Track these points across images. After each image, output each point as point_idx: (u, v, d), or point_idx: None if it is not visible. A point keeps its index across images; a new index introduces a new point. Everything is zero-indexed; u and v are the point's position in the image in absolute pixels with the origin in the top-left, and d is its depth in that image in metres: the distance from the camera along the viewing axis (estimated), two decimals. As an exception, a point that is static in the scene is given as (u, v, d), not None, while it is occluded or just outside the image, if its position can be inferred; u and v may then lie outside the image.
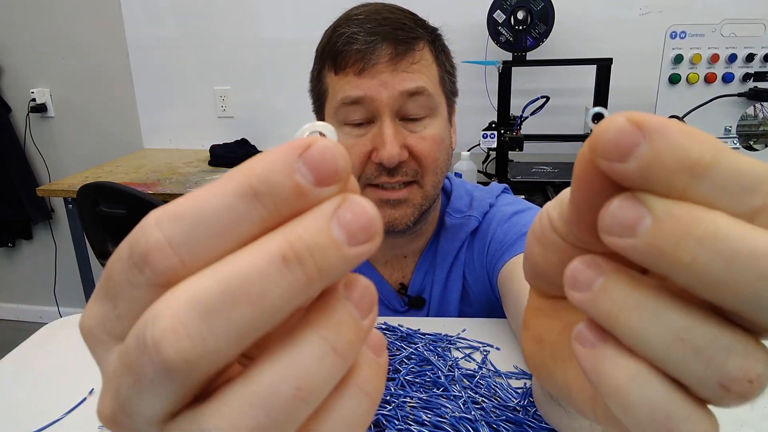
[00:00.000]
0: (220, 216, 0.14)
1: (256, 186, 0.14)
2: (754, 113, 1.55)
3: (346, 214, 0.15)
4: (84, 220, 1.65)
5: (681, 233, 0.15)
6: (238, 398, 0.14)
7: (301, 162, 0.14)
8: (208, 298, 0.13)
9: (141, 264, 0.14)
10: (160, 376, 0.14)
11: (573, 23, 1.84)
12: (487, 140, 1.68)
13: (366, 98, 0.67)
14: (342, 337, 0.15)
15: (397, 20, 0.68)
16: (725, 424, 0.53)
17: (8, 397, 0.61)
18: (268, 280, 0.14)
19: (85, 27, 2.18)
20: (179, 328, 0.13)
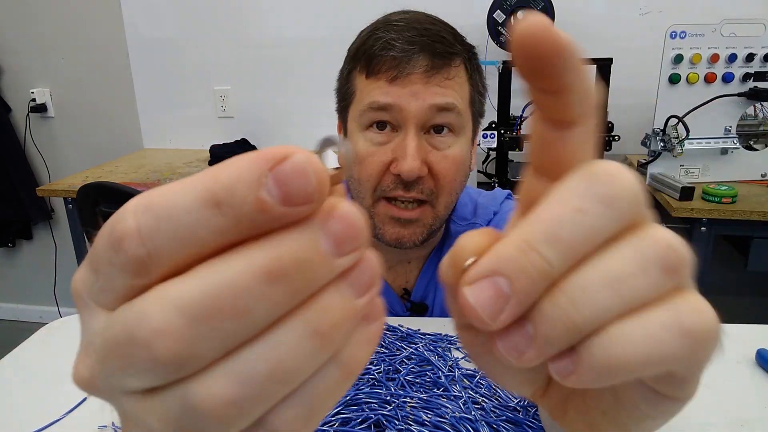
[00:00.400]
0: (182, 218, 0.14)
1: (219, 195, 0.14)
2: (754, 113, 1.55)
3: (335, 224, 0.15)
4: (84, 220, 1.65)
5: (524, 260, 0.16)
6: (219, 372, 0.14)
7: (270, 177, 0.14)
8: (194, 306, 0.14)
9: (116, 247, 0.15)
10: (149, 368, 0.14)
11: (573, 23, 1.84)
12: (487, 140, 1.68)
13: (394, 106, 0.65)
14: (327, 319, 0.15)
15: (437, 33, 0.67)
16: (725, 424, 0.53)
17: (8, 397, 0.61)
18: (253, 296, 0.14)
19: (85, 27, 2.18)
20: (169, 330, 0.14)
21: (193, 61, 2.16)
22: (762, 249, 1.46)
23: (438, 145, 0.68)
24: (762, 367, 0.62)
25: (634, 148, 1.82)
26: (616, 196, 0.17)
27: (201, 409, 0.14)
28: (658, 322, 0.17)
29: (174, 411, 0.15)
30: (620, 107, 1.80)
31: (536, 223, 0.17)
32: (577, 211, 0.16)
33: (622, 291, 0.17)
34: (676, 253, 0.17)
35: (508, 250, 0.16)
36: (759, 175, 1.58)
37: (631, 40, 1.84)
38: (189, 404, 0.14)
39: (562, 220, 0.16)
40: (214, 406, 0.14)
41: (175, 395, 0.15)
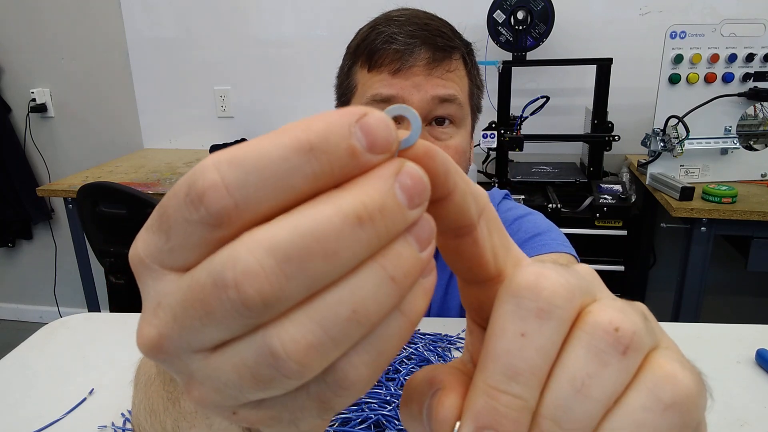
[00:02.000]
0: (276, 166, 0.15)
1: (314, 142, 0.15)
2: (754, 113, 1.55)
3: (406, 179, 0.16)
4: (84, 220, 1.65)
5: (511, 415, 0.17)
6: (301, 316, 0.15)
7: (358, 127, 0.15)
8: (286, 247, 0.14)
9: (197, 202, 0.15)
10: (235, 312, 0.14)
11: (573, 23, 1.84)
12: (487, 140, 1.68)
13: (397, 98, 0.67)
14: (400, 267, 0.16)
15: (437, 28, 0.69)
16: (725, 424, 0.53)
17: (8, 397, 0.61)
18: (343, 237, 0.15)
19: (85, 27, 2.18)
20: (259, 271, 0.14)
21: (193, 61, 2.16)
22: (762, 249, 1.46)
23: (440, 136, 0.69)
24: (762, 367, 0.62)
25: (634, 148, 1.82)
26: (546, 307, 0.17)
27: (281, 355, 0.15)
28: (639, 406, 0.17)
29: (252, 359, 0.15)
30: (620, 107, 1.80)
31: (491, 363, 0.17)
32: (520, 336, 0.17)
33: (594, 393, 0.17)
34: (622, 330, 0.17)
35: (480, 403, 0.17)
36: (759, 175, 1.58)
37: (631, 40, 1.84)
38: (269, 351, 0.15)
39: (511, 352, 0.17)
40: (296, 351, 0.15)
41: (254, 343, 0.15)
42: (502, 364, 0.17)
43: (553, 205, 1.59)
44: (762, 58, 1.49)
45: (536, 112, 1.67)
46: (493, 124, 1.71)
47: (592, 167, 1.70)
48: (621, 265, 1.63)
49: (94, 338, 0.73)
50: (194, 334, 0.15)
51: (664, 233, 1.92)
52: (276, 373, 0.15)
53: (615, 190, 1.62)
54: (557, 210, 1.59)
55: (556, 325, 0.17)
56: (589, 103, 1.71)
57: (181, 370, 0.17)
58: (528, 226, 0.75)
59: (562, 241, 0.74)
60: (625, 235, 1.59)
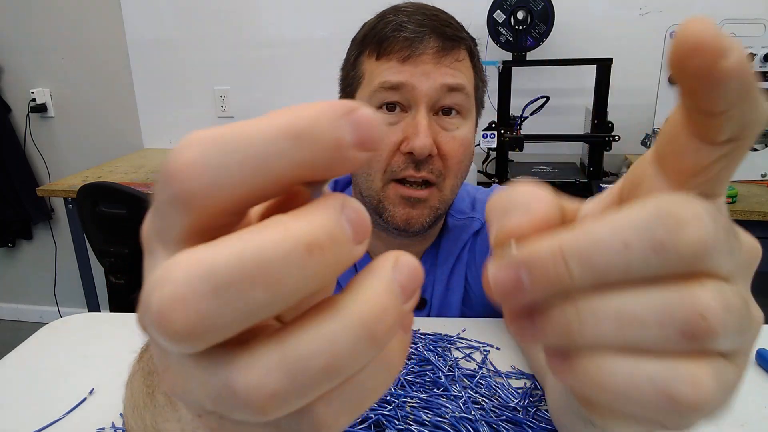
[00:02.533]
0: (261, 148, 0.14)
1: (302, 128, 0.14)
2: (754, 113, 1.55)
3: (351, 213, 0.15)
4: (84, 220, 1.65)
5: (550, 264, 0.17)
6: (269, 359, 0.14)
7: (348, 120, 0.15)
8: (224, 273, 0.13)
9: (172, 179, 0.14)
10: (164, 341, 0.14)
11: (573, 23, 1.84)
12: (487, 140, 1.68)
13: (406, 85, 0.67)
14: (383, 323, 0.15)
15: (445, 19, 0.70)
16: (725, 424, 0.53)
17: (8, 397, 0.61)
18: (289, 266, 0.14)
19: (85, 27, 2.18)
20: (188, 300, 0.13)
21: (193, 61, 2.16)
22: (762, 249, 1.45)
23: (447, 126, 0.69)
24: (762, 367, 0.62)
25: (634, 148, 1.82)
26: (672, 248, 0.16)
27: (242, 396, 0.14)
28: (647, 374, 0.17)
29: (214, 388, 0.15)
30: (620, 107, 1.80)
31: (580, 237, 0.17)
32: (623, 245, 0.16)
33: (627, 332, 0.17)
34: (705, 323, 0.16)
35: (543, 251, 0.17)
36: (759, 175, 1.58)
37: (631, 40, 1.84)
38: (230, 388, 0.14)
39: (603, 247, 0.17)
40: (257, 398, 0.14)
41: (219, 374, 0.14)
42: (586, 246, 0.17)
43: (553, 205, 1.59)
44: (762, 58, 1.49)
45: (536, 112, 1.67)
46: (493, 124, 1.71)
47: (592, 167, 1.70)
48: (621, 265, 1.63)
49: (94, 338, 0.73)
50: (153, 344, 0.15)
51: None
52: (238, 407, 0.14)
53: (615, 190, 1.62)
54: (557, 210, 1.58)
55: (661, 265, 0.16)
56: (589, 103, 1.71)
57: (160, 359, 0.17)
58: None
59: None
60: (625, 235, 1.59)
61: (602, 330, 0.17)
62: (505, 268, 0.18)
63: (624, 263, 0.16)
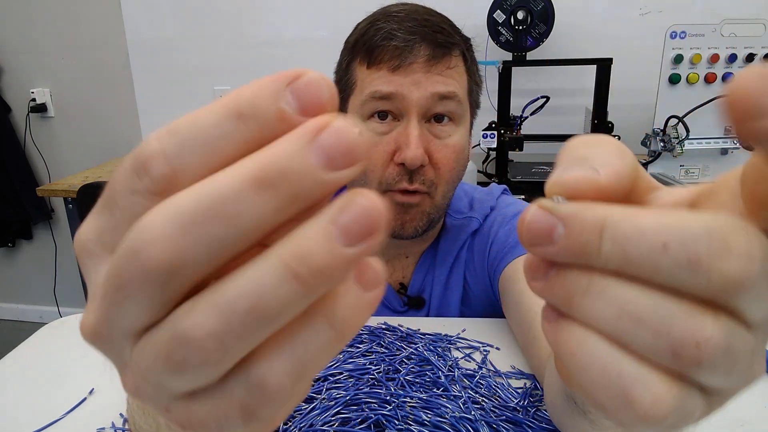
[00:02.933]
0: (208, 133, 0.15)
1: (242, 107, 0.15)
2: (754, 113, 1.55)
3: (328, 138, 0.15)
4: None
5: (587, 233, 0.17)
6: (206, 302, 0.15)
7: (288, 90, 0.15)
8: (187, 212, 0.14)
9: (141, 171, 0.15)
10: (142, 281, 0.15)
11: (573, 23, 1.84)
12: (487, 140, 1.68)
13: (397, 95, 0.66)
14: (307, 264, 0.14)
15: (436, 23, 0.68)
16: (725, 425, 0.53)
17: (8, 397, 0.61)
18: (241, 202, 0.14)
19: (85, 27, 2.18)
20: (161, 237, 0.14)
21: (193, 61, 2.16)
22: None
23: (439, 134, 0.69)
24: (762, 367, 0.62)
25: (634, 148, 1.82)
26: (706, 270, 0.15)
27: (187, 338, 0.15)
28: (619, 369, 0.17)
29: (164, 342, 0.15)
30: (620, 107, 1.80)
31: (627, 220, 0.17)
32: (661, 245, 0.16)
33: (622, 326, 0.17)
34: (696, 353, 0.16)
35: (586, 215, 0.17)
36: (759, 175, 1.58)
37: (631, 40, 1.84)
38: (178, 334, 0.15)
39: (642, 239, 0.16)
40: (198, 337, 0.15)
41: (166, 326, 0.15)
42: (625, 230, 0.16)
43: (553, 205, 1.59)
44: (762, 58, 1.49)
45: (536, 112, 1.67)
46: (493, 124, 1.70)
47: (592, 167, 1.69)
48: (621, 265, 1.63)
49: (94, 338, 0.73)
50: (116, 313, 0.16)
51: (664, 233, 1.92)
52: (185, 355, 0.15)
53: (615, 190, 1.62)
54: (557, 210, 1.58)
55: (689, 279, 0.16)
56: (589, 103, 1.71)
57: (118, 359, 0.17)
58: None
59: None
60: (625, 235, 1.59)
61: (601, 313, 0.17)
62: (545, 216, 0.18)
63: (654, 263, 0.16)
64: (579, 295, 0.18)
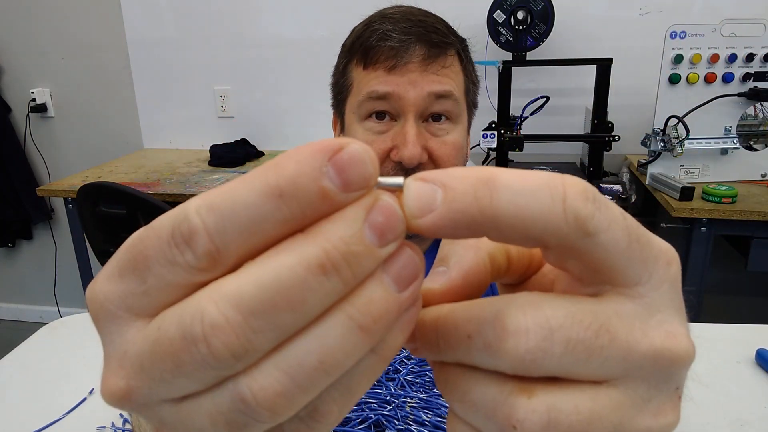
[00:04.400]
0: (248, 212, 0.15)
1: (283, 187, 0.14)
2: (754, 113, 1.55)
3: (378, 217, 0.15)
4: (84, 220, 1.65)
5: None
6: (269, 366, 0.15)
7: (330, 166, 0.15)
8: (250, 300, 0.14)
9: (184, 245, 0.15)
10: (206, 365, 0.15)
11: (573, 23, 1.84)
12: (487, 140, 1.68)
13: (393, 95, 0.67)
14: (370, 314, 0.15)
15: (431, 24, 0.69)
16: (725, 424, 0.53)
17: (8, 397, 0.61)
18: (307, 288, 0.14)
19: (85, 27, 2.18)
20: (226, 326, 0.14)
21: (193, 61, 2.16)
22: (762, 249, 1.46)
23: (436, 132, 0.69)
24: (762, 367, 0.62)
25: (634, 148, 1.82)
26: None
27: (252, 402, 0.15)
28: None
29: (224, 407, 0.15)
30: (620, 107, 1.80)
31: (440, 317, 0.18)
32: (466, 336, 0.17)
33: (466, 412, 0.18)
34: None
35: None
36: (759, 175, 1.58)
37: (631, 40, 1.84)
38: (239, 399, 0.15)
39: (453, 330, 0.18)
40: (265, 399, 0.15)
41: (226, 392, 0.15)
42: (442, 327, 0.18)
43: (553, 205, 1.59)
44: (762, 58, 1.48)
45: (536, 112, 1.67)
46: (493, 124, 1.70)
47: (592, 167, 1.70)
48: (621, 265, 1.63)
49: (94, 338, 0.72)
50: (164, 385, 0.15)
51: (664, 233, 1.92)
52: (248, 419, 0.15)
53: (615, 190, 1.62)
54: (557, 210, 1.59)
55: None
56: (589, 103, 1.71)
57: (151, 417, 0.17)
58: None
59: None
60: (625, 235, 1.59)
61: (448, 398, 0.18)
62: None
63: (467, 352, 0.17)
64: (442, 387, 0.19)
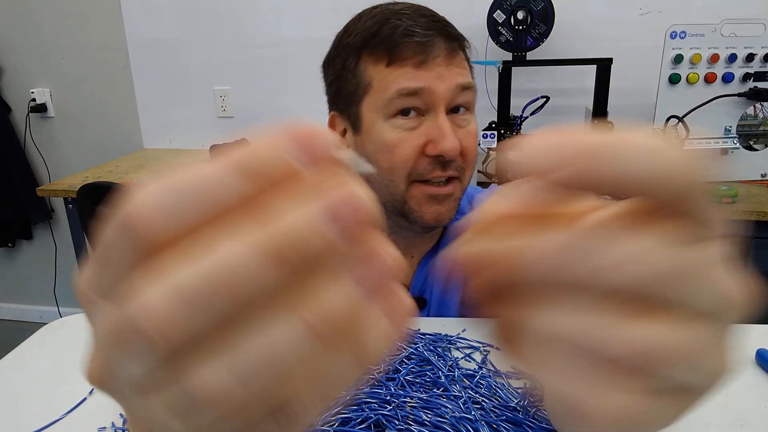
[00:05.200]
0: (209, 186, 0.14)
1: (243, 160, 0.14)
2: (754, 113, 1.55)
3: (340, 202, 0.14)
4: (84, 220, 1.65)
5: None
6: (215, 360, 0.14)
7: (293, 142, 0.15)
8: (189, 288, 0.14)
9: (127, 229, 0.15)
10: (144, 350, 0.14)
11: (573, 23, 1.84)
12: (487, 140, 1.68)
13: (425, 90, 0.67)
14: (324, 317, 0.14)
15: (443, 19, 0.71)
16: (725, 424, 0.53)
17: (8, 397, 0.61)
18: (249, 274, 0.14)
19: (85, 27, 2.18)
20: (161, 312, 0.14)
21: (193, 61, 2.16)
22: (762, 249, 1.46)
23: (460, 123, 0.71)
24: (762, 367, 0.62)
25: (634, 148, 1.82)
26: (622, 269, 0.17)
27: (198, 397, 0.14)
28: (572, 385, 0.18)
29: (177, 400, 0.15)
30: (620, 107, 1.80)
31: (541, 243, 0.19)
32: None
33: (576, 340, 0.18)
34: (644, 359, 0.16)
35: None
36: (759, 175, 1.58)
37: (631, 40, 1.84)
38: (188, 393, 0.14)
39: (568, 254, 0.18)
40: (210, 394, 0.14)
41: (176, 384, 0.15)
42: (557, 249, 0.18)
43: (553, 205, 1.59)
44: (762, 58, 1.49)
45: (536, 112, 1.67)
46: (493, 124, 1.70)
47: (592, 167, 1.70)
48: (621, 265, 1.63)
49: (94, 338, 0.73)
50: (118, 368, 0.15)
51: (664, 233, 1.92)
52: (203, 415, 0.15)
53: (615, 190, 1.62)
54: (557, 210, 1.59)
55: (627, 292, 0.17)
56: (589, 103, 1.71)
57: (124, 405, 0.17)
58: None
59: None
60: (625, 235, 1.59)
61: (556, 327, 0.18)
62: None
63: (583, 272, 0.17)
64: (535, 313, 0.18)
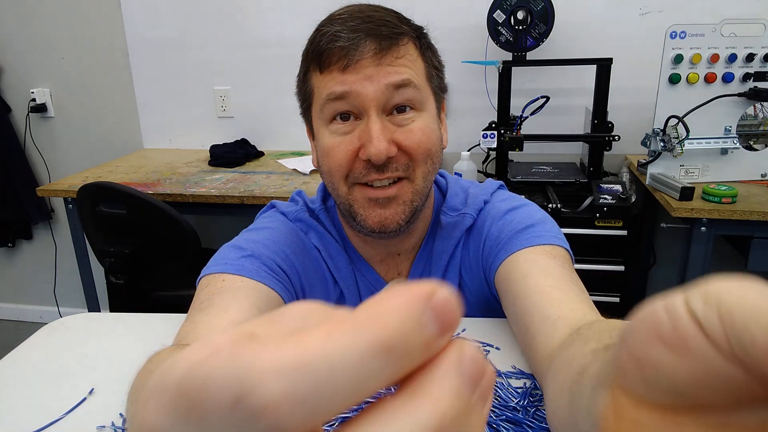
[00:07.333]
0: (351, 372, 0.13)
1: (393, 342, 0.14)
2: (754, 113, 1.55)
3: (469, 367, 0.15)
4: (84, 220, 1.65)
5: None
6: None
7: (429, 313, 0.14)
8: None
9: (257, 415, 0.13)
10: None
11: (573, 23, 1.84)
12: (487, 140, 1.68)
13: (351, 93, 0.67)
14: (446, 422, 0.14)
15: (381, 18, 0.68)
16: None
17: (8, 397, 0.61)
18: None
19: (85, 27, 2.19)
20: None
21: (193, 61, 2.16)
22: (762, 249, 1.46)
23: (401, 122, 0.69)
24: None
25: (634, 148, 1.82)
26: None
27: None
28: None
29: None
30: (620, 107, 1.80)
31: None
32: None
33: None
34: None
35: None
36: (759, 175, 1.58)
37: (631, 40, 1.84)
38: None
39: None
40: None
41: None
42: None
43: (553, 205, 1.59)
44: (762, 58, 1.48)
45: (536, 112, 1.67)
46: (493, 124, 1.71)
47: (592, 167, 1.70)
48: (621, 265, 1.63)
49: (94, 338, 0.73)
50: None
51: (664, 233, 1.92)
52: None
53: (615, 190, 1.62)
54: (557, 210, 1.59)
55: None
56: (589, 103, 1.71)
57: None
58: (521, 217, 0.74)
59: (555, 233, 0.73)
60: (625, 235, 1.59)
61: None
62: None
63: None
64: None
